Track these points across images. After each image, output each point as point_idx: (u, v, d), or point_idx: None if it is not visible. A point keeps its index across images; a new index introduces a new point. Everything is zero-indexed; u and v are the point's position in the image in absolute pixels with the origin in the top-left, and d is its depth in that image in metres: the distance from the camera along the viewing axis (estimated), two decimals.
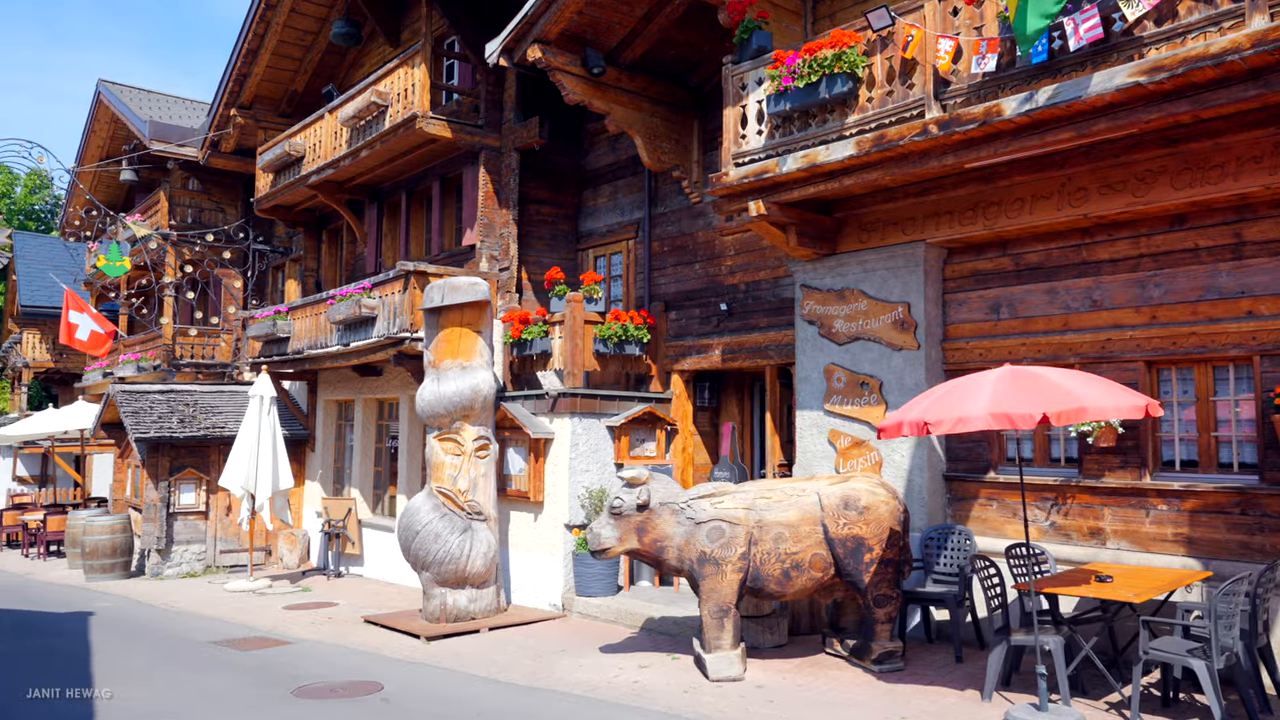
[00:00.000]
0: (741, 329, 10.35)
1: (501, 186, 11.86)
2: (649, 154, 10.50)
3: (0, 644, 9.40)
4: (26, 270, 27.58)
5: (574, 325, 10.43)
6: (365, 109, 12.22)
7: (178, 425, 14.90)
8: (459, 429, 9.96)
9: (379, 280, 11.77)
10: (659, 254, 11.44)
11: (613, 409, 10.61)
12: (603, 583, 9.95)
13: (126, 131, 20.53)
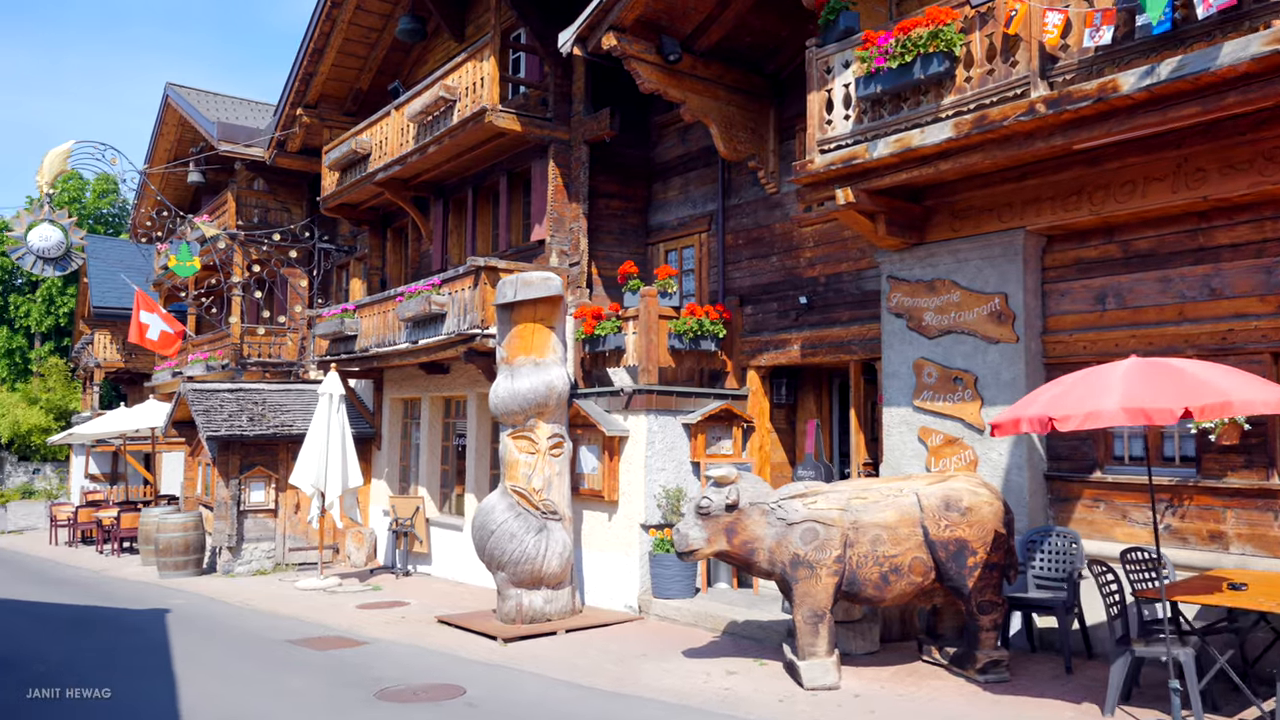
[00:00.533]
0: (822, 323, 10.01)
1: (571, 180, 11.65)
2: (725, 144, 10.20)
3: (86, 640, 9.44)
4: (97, 272, 28.19)
5: (648, 320, 10.18)
6: (433, 104, 12.11)
7: (247, 423, 14.98)
8: (533, 426, 9.77)
9: (448, 277, 11.65)
10: (733, 247, 11.14)
11: (688, 406, 10.34)
12: (680, 584, 9.69)
13: (194, 134, 20.79)
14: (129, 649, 8.97)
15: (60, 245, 14.77)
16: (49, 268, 14.79)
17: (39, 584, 14.15)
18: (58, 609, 11.54)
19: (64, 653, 8.68)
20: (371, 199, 15.47)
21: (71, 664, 8.16)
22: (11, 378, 36.87)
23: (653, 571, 9.84)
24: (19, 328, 37.22)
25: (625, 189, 12.16)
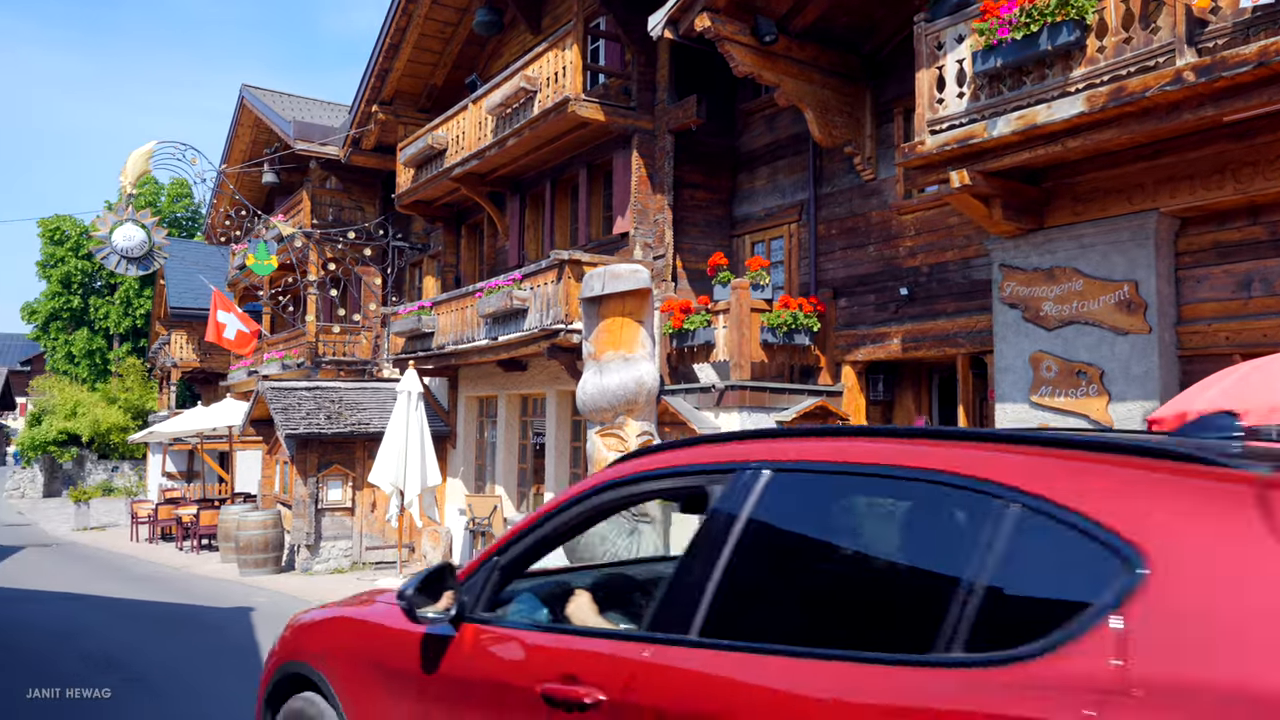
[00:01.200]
0: (924, 315, 9.52)
1: (655, 170, 11.32)
2: (820, 128, 9.77)
3: (175, 639, 9.39)
4: (174, 273, 28.71)
5: (740, 313, 9.80)
6: (513, 95, 11.88)
7: (324, 421, 14.96)
8: (622, 424, 9.45)
9: (530, 271, 11.40)
10: (825, 237, 10.69)
11: (781, 403, 9.92)
12: None
13: (268, 135, 20.97)
14: (217, 649, 8.87)
15: (143, 245, 14.93)
16: (132, 267, 14.95)
17: (123, 580, 14.28)
18: (144, 606, 11.57)
19: (158, 653, 8.61)
20: (446, 195, 15.34)
21: (167, 665, 8.07)
22: (92, 378, 37.88)
23: None
24: (98, 329, 38.22)
25: (709, 179, 11.78)
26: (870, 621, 2.16)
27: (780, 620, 2.31)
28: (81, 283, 37.80)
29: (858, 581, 2.28)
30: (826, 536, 2.44)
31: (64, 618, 10.48)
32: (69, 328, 38.49)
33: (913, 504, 2.27)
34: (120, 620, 10.52)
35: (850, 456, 2.33)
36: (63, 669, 7.92)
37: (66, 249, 37.41)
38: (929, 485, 2.12)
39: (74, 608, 11.44)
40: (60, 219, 37.91)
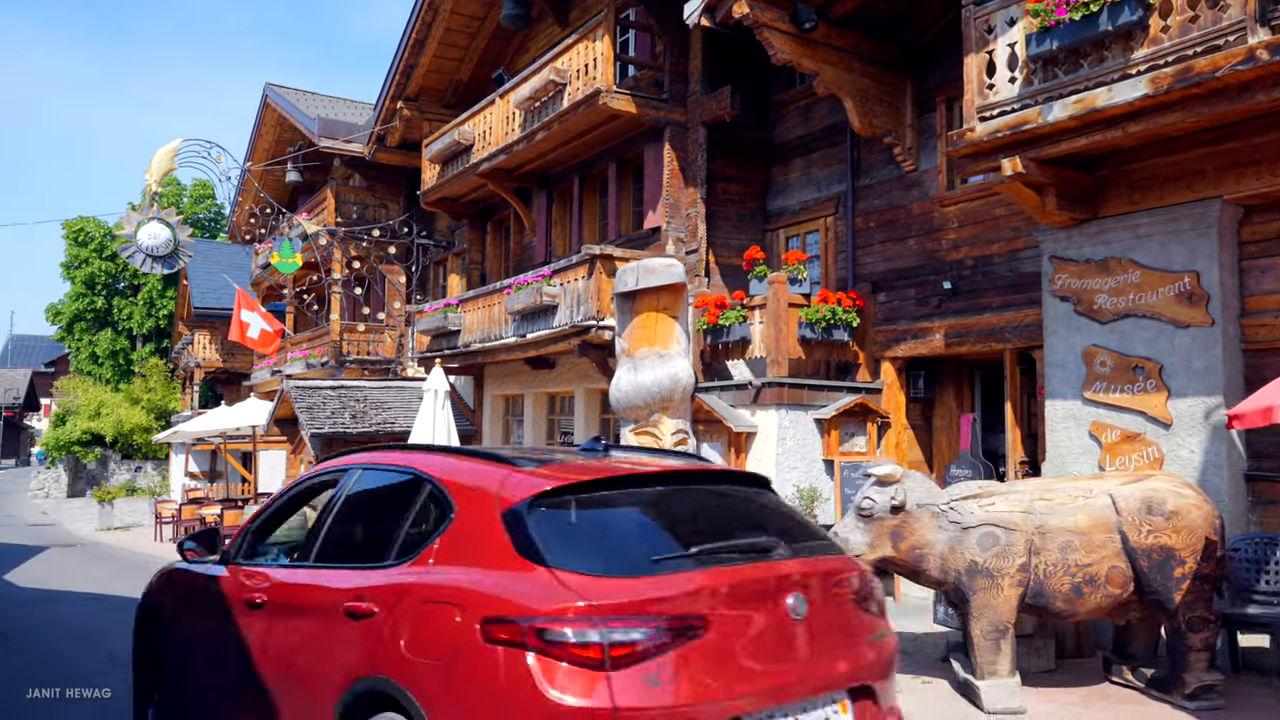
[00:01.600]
0: (969, 310, 9.23)
1: (687, 164, 11.08)
2: (860, 118, 9.50)
3: None
4: (197, 274, 28.76)
5: (777, 309, 9.54)
6: (542, 88, 11.68)
7: (350, 421, 14.81)
8: (657, 422, 9.22)
9: (560, 267, 11.19)
10: (863, 230, 10.42)
11: (819, 400, 9.66)
12: None
13: (291, 135, 20.89)
14: None
15: (168, 243, 14.83)
16: (157, 265, 14.86)
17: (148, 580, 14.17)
18: None
19: None
20: (472, 192, 15.17)
21: None
22: (115, 379, 38.03)
23: None
24: (122, 330, 38.39)
25: (742, 172, 11.54)
26: (376, 545, 3.79)
27: (341, 548, 4.08)
28: (105, 284, 37.98)
29: (374, 524, 4.03)
30: (369, 502, 4.15)
31: (88, 618, 10.35)
32: (93, 328, 38.68)
33: (399, 484, 3.97)
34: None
35: (386, 460, 4.20)
36: (88, 669, 7.77)
37: (90, 250, 37.60)
38: (405, 473, 3.95)
39: (98, 608, 11.32)
40: (84, 220, 38.11)
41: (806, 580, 3.30)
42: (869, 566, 4.36)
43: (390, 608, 3.37)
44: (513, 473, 3.45)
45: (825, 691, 3.21)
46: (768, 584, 3.19)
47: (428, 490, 3.67)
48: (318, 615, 3.76)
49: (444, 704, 3.03)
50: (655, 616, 2.90)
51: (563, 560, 3.06)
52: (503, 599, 3.02)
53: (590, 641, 2.83)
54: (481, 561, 3.21)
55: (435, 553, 3.40)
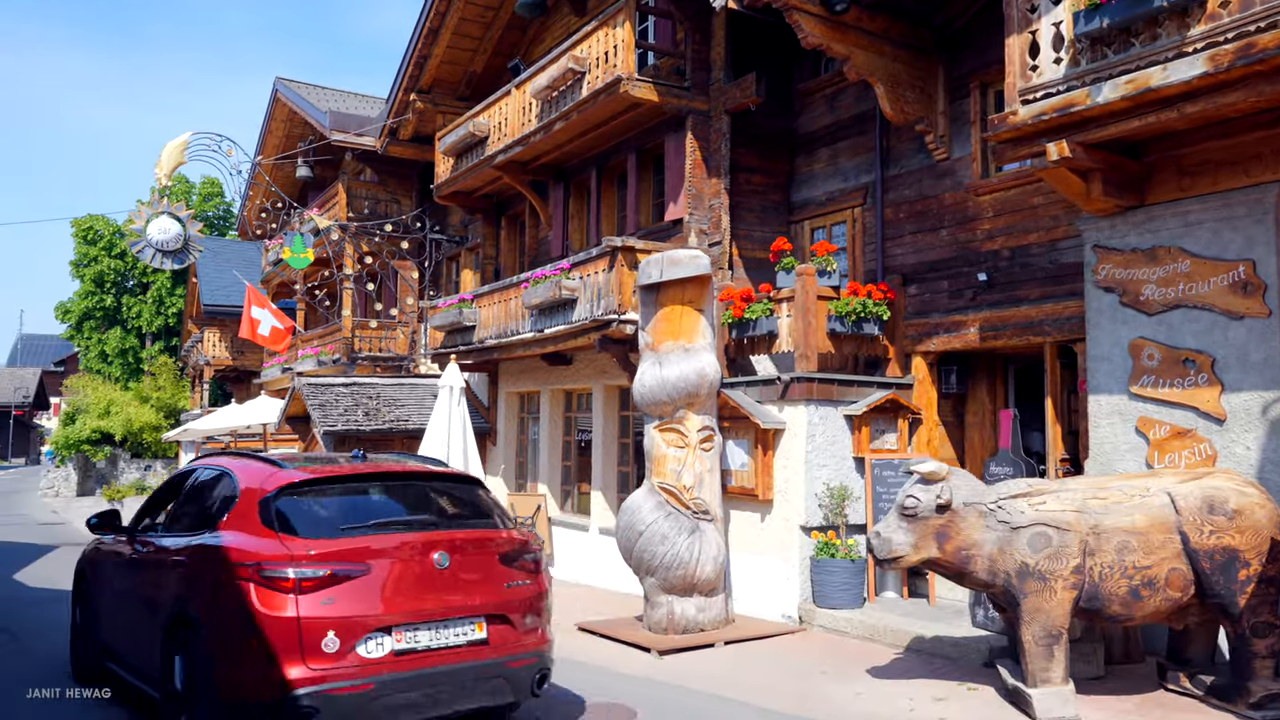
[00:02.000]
0: (1005, 302, 8.92)
1: (710, 154, 10.79)
2: (891, 105, 9.20)
3: None
4: (206, 271, 28.58)
5: (806, 301, 9.25)
6: (560, 77, 11.40)
7: (363, 418, 14.56)
8: (682, 418, 8.94)
9: (579, 259, 10.92)
10: (893, 221, 10.12)
11: (849, 395, 9.37)
12: (847, 593, 8.73)
13: (301, 130, 20.65)
14: None
15: (179, 238, 14.60)
16: (168, 260, 14.63)
17: None
18: None
19: None
20: (487, 185, 14.90)
21: None
22: (125, 377, 37.89)
23: (814, 578, 8.91)
24: (131, 328, 38.23)
25: (765, 163, 11.24)
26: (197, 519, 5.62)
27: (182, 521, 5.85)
28: (114, 282, 37.83)
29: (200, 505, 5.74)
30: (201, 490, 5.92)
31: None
32: (102, 327, 38.54)
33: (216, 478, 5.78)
34: None
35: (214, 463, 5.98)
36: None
37: (99, 248, 37.45)
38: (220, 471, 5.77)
39: None
40: (93, 218, 37.96)
41: (452, 544, 5.15)
42: (527, 537, 5.62)
43: (194, 559, 5.31)
44: (275, 472, 5.35)
45: (464, 615, 5.07)
46: (417, 545, 5.04)
47: (227, 483, 5.59)
48: (162, 566, 5.70)
49: (211, 619, 4.91)
50: (330, 563, 4.78)
51: (285, 529, 4.94)
52: (247, 552, 4.84)
53: (288, 577, 4.69)
54: (246, 530, 5.04)
55: (224, 524, 5.23)
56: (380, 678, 4.71)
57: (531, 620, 5.36)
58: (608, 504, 12.43)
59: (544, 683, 5.48)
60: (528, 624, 5.34)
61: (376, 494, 5.55)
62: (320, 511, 5.16)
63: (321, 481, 5.31)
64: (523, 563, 5.43)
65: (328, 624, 4.64)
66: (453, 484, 5.89)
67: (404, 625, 4.84)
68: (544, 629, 5.49)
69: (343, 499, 5.38)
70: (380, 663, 4.74)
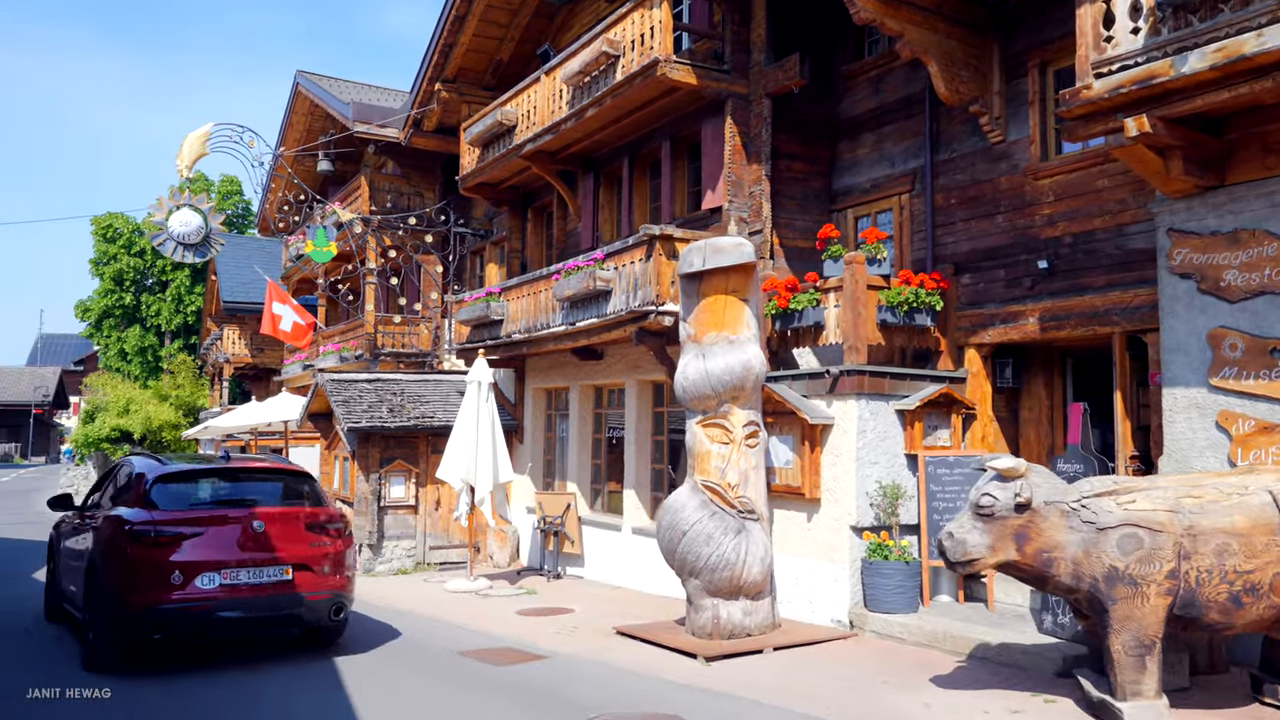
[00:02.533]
0: (1068, 291, 8.47)
1: (750, 139, 10.39)
2: (945, 84, 8.77)
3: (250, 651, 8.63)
4: (226, 268, 28.38)
5: (855, 291, 8.83)
6: (593, 61, 11.01)
7: (387, 415, 14.23)
8: (726, 413, 8.53)
9: (614, 249, 10.53)
10: (944, 208, 9.68)
11: (901, 390, 8.95)
12: (902, 597, 8.31)
13: (322, 123, 20.37)
14: (295, 668, 8.09)
15: (200, 230, 14.30)
16: (189, 254, 14.33)
17: None
18: None
19: (234, 670, 7.86)
20: (513, 176, 14.54)
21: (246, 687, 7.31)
22: (144, 375, 37.81)
23: (866, 581, 8.49)
24: (150, 326, 38.17)
25: (806, 149, 10.83)
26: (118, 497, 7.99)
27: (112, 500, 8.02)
28: (134, 280, 37.79)
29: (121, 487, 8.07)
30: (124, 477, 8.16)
31: None
32: (121, 325, 38.50)
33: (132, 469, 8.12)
34: None
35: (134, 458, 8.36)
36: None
37: (119, 246, 37.41)
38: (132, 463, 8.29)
39: None
40: (113, 216, 37.93)
41: (268, 516, 7.52)
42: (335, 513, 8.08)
43: (102, 525, 7.47)
44: (159, 467, 7.81)
45: (275, 564, 7.39)
46: (242, 515, 7.43)
47: (133, 474, 7.88)
48: (87, 530, 7.90)
49: (106, 563, 7.19)
50: (178, 526, 7.18)
51: (154, 504, 7.37)
52: (127, 520, 7.17)
53: (149, 534, 7.07)
54: (133, 505, 7.41)
55: (124, 502, 7.57)
56: (213, 601, 7.16)
57: (330, 569, 7.77)
58: (641, 503, 12.05)
59: (340, 613, 7.92)
60: (327, 572, 7.73)
61: (225, 482, 8.14)
62: (181, 493, 7.71)
63: (187, 473, 7.96)
64: (327, 531, 7.89)
65: (175, 566, 7.07)
66: (285, 476, 8.36)
67: (229, 568, 7.25)
68: (342, 576, 7.89)
69: (200, 485, 8.02)
70: (212, 592, 7.16)
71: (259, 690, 6.92)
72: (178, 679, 7.20)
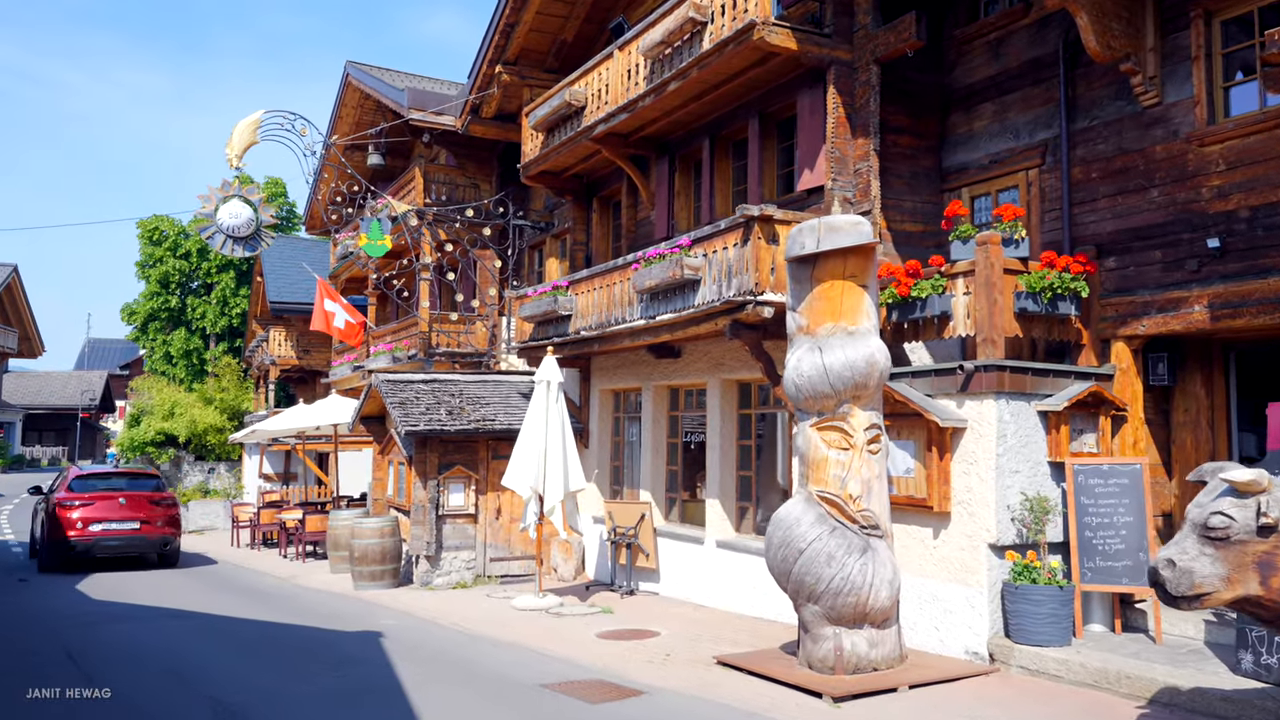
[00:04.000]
0: (1246, 273, 7.32)
1: (856, 111, 9.34)
2: (1097, 38, 7.65)
3: (307, 676, 7.75)
4: (272, 268, 27.83)
5: (990, 275, 7.74)
6: (677, 29, 10.03)
7: (446, 418, 13.34)
8: (846, 414, 7.47)
9: (703, 234, 9.53)
10: (1083, 182, 8.56)
11: (1043, 388, 7.84)
12: (1054, 627, 7.21)
13: (372, 117, 19.64)
14: (353, 691, 7.19)
15: (250, 223, 13.56)
16: (238, 248, 13.59)
17: (230, 593, 12.87)
18: (261, 629, 10.03)
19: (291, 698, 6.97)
20: (578, 163, 13.61)
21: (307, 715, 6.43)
22: (189, 378, 37.50)
23: (1009, 608, 7.40)
24: (195, 329, 37.85)
25: (914, 123, 9.76)
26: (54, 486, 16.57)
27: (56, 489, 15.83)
28: (180, 282, 37.47)
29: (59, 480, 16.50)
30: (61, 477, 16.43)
31: (173, 649, 8.95)
32: (167, 328, 38.22)
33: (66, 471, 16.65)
34: (238, 650, 8.98)
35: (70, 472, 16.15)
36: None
37: (164, 249, 37.12)
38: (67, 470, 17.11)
39: (181, 630, 9.97)
40: (159, 219, 37.66)
41: (129, 496, 14.99)
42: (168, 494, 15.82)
43: (47, 500, 15.20)
44: (79, 470, 16.16)
45: (131, 520, 14.73)
46: (114, 495, 14.94)
47: (69, 475, 15.66)
48: (45, 503, 15.12)
49: (46, 519, 14.84)
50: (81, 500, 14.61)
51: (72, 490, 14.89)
52: (58, 497, 14.75)
53: (68, 504, 14.57)
54: (63, 490, 14.95)
55: (60, 488, 15.18)
56: (99, 538, 14.25)
57: (162, 524, 14.95)
58: (726, 514, 11.03)
59: (167, 546, 15.12)
60: (160, 525, 14.92)
61: (110, 479, 15.54)
62: (88, 484, 15.04)
63: (92, 474, 15.62)
64: (161, 504, 15.12)
65: (79, 519, 14.17)
66: (142, 476, 15.97)
67: (107, 523, 14.33)
68: (169, 527, 15.09)
69: (97, 480, 15.34)
70: (99, 533, 14.20)
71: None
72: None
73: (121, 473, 16.27)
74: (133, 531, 14.59)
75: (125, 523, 14.53)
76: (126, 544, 14.61)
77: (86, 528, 14.27)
